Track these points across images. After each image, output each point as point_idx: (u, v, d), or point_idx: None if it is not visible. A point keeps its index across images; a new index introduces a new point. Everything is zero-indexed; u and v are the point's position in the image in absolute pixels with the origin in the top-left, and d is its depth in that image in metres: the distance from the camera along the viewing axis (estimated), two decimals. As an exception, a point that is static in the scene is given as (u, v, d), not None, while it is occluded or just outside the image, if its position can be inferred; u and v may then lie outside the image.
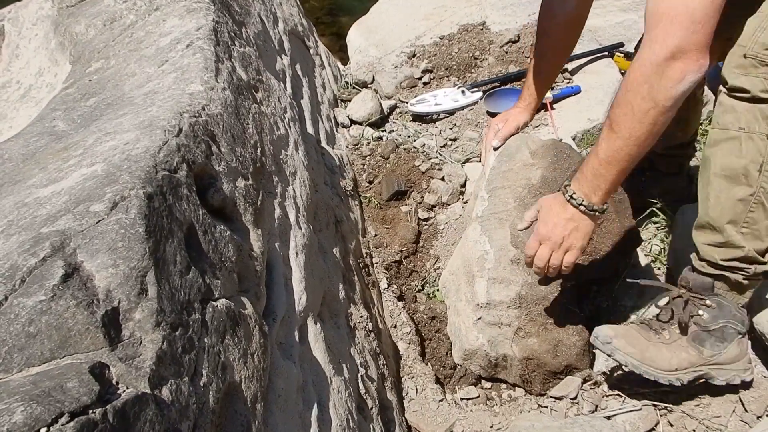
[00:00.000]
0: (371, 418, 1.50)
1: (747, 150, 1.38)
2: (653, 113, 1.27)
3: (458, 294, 1.94)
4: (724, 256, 1.49)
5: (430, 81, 2.92)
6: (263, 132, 1.48)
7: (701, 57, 1.23)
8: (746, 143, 1.38)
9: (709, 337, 1.55)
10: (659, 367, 1.55)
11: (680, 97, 1.26)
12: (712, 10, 1.20)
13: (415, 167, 2.44)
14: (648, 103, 1.26)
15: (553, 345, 1.75)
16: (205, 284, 0.93)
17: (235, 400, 0.94)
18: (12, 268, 0.72)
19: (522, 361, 1.79)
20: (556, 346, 1.75)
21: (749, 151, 1.38)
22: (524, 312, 1.77)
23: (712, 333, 1.55)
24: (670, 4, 1.22)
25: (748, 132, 1.37)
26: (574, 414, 1.69)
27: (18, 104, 1.71)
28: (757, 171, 1.39)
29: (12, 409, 0.56)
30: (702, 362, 1.57)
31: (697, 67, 1.23)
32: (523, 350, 1.78)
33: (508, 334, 1.79)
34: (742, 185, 1.41)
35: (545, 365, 1.77)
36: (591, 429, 1.53)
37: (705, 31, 1.21)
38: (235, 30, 1.67)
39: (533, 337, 1.77)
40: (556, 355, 1.75)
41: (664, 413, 1.65)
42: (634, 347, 1.55)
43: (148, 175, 0.89)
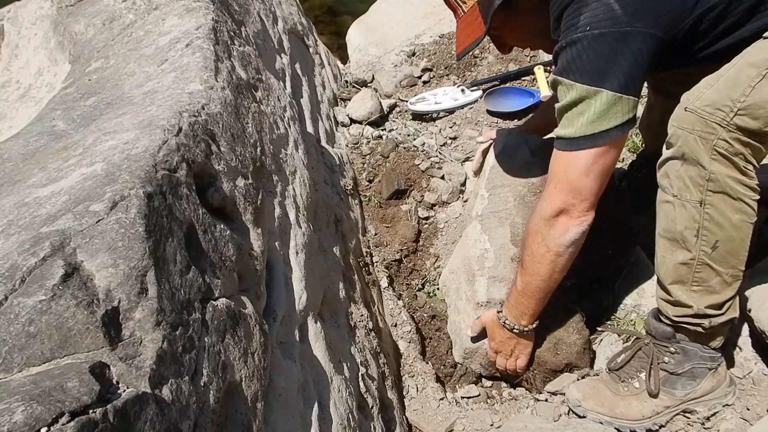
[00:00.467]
0: (372, 417, 1.50)
1: (681, 217, 1.39)
2: (549, 256, 1.49)
3: (458, 293, 1.94)
4: (675, 313, 1.51)
5: (430, 80, 2.92)
6: (263, 131, 1.48)
7: (582, 215, 1.43)
8: (679, 210, 1.39)
9: (679, 378, 1.57)
10: (632, 419, 1.59)
11: (570, 243, 1.46)
12: (589, 181, 1.39)
13: (415, 166, 2.44)
14: (543, 248, 1.49)
15: (554, 343, 1.75)
16: (205, 283, 0.93)
17: (235, 400, 0.94)
18: (12, 267, 0.72)
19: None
20: (557, 344, 1.75)
21: (683, 218, 1.39)
22: None
23: (681, 375, 1.57)
24: (558, 170, 1.44)
25: (681, 199, 1.38)
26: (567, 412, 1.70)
27: (18, 104, 1.71)
28: (695, 236, 1.39)
29: (12, 409, 0.56)
30: (678, 402, 1.59)
31: (579, 222, 1.44)
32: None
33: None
34: (682, 249, 1.42)
35: (545, 363, 1.77)
36: (584, 431, 1.53)
37: (584, 196, 1.41)
38: (235, 29, 1.67)
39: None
40: (556, 353, 1.75)
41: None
42: (603, 405, 1.61)
43: (147, 175, 0.89)
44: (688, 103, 1.32)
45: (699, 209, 1.35)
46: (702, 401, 1.58)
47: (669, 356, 1.56)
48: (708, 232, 1.37)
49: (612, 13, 1.29)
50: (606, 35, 1.29)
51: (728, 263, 1.40)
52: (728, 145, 1.28)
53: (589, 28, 1.31)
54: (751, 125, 1.27)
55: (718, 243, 1.37)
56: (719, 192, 1.33)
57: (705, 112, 1.29)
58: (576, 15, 1.33)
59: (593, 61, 1.31)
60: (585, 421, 1.62)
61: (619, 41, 1.29)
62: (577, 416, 1.66)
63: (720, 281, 1.42)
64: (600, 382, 1.67)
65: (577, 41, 1.32)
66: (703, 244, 1.38)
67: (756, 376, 1.63)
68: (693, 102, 1.31)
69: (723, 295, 1.44)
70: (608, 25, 1.29)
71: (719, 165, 1.30)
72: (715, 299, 1.44)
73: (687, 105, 1.32)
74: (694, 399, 1.58)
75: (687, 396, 1.58)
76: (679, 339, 1.54)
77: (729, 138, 1.28)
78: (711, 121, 1.28)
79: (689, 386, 1.57)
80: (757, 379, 1.63)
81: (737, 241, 1.37)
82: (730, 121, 1.27)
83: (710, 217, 1.35)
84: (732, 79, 1.28)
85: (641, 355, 1.61)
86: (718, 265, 1.40)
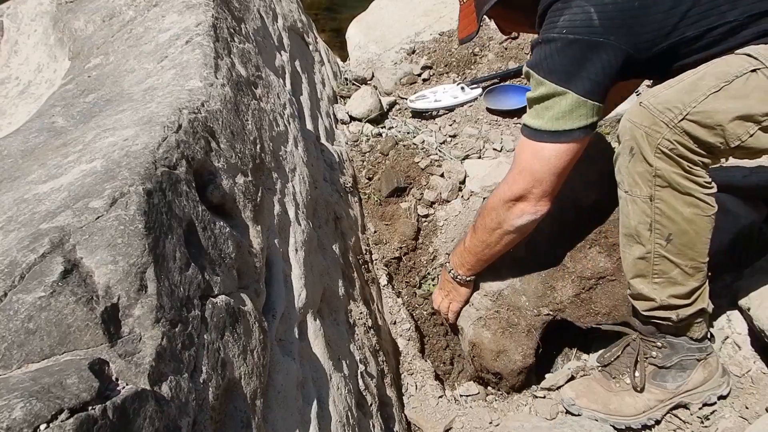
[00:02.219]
0: (371, 415, 1.51)
1: (633, 212, 1.42)
2: (499, 232, 1.63)
3: None
4: (643, 308, 1.53)
5: (430, 77, 2.92)
6: (263, 128, 1.48)
7: (538, 204, 1.54)
8: (632, 206, 1.42)
9: (669, 371, 1.58)
10: (627, 415, 1.61)
11: (521, 227, 1.59)
12: (551, 174, 1.48)
13: (414, 164, 2.43)
14: (495, 224, 1.62)
15: (499, 350, 1.80)
16: (205, 281, 0.93)
17: (234, 397, 0.94)
18: (11, 264, 0.72)
19: (470, 342, 1.88)
20: (500, 352, 1.80)
21: (635, 213, 1.42)
22: (495, 308, 1.83)
23: (671, 368, 1.58)
24: (523, 158, 1.51)
25: (632, 195, 1.41)
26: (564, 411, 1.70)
27: (17, 100, 1.70)
28: (648, 230, 1.42)
29: (12, 405, 0.56)
30: (670, 396, 1.60)
31: (533, 211, 1.55)
32: (474, 335, 1.86)
33: (472, 316, 1.89)
34: (637, 244, 1.45)
35: (483, 359, 1.84)
36: (580, 429, 1.54)
37: (544, 188, 1.50)
38: (235, 26, 1.67)
39: (489, 332, 1.82)
40: (495, 358, 1.81)
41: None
42: (597, 402, 1.63)
43: (147, 172, 0.89)
44: (644, 98, 1.34)
45: (649, 204, 1.38)
46: (696, 393, 1.59)
47: (656, 351, 1.57)
48: (660, 226, 1.39)
49: (590, 21, 1.34)
50: (580, 42, 1.35)
51: (686, 255, 1.41)
52: (672, 146, 1.30)
53: (565, 31, 1.36)
54: (697, 132, 1.28)
55: (671, 236, 1.39)
56: (666, 187, 1.34)
57: (656, 109, 1.31)
58: (557, 15, 1.38)
59: (564, 62, 1.37)
60: (581, 418, 1.63)
61: (591, 49, 1.35)
62: (573, 415, 1.67)
63: (680, 272, 1.44)
64: (592, 380, 1.68)
65: (552, 40, 1.38)
66: (657, 237, 1.41)
67: (755, 375, 1.63)
68: (648, 98, 1.33)
69: (686, 285, 1.45)
70: (583, 33, 1.34)
71: (663, 163, 1.32)
72: (679, 290, 1.45)
73: (642, 100, 1.34)
74: (687, 391, 1.59)
75: (679, 389, 1.58)
76: (665, 333, 1.55)
77: (673, 139, 1.29)
78: (659, 119, 1.30)
79: (680, 378, 1.57)
80: (756, 377, 1.63)
81: (692, 233, 1.38)
82: (677, 123, 1.28)
83: (661, 212, 1.37)
84: (691, 84, 1.30)
85: (629, 350, 1.63)
86: (676, 257, 1.42)
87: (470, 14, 1.58)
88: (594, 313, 1.76)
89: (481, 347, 1.83)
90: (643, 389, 1.59)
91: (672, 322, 1.51)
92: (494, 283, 1.84)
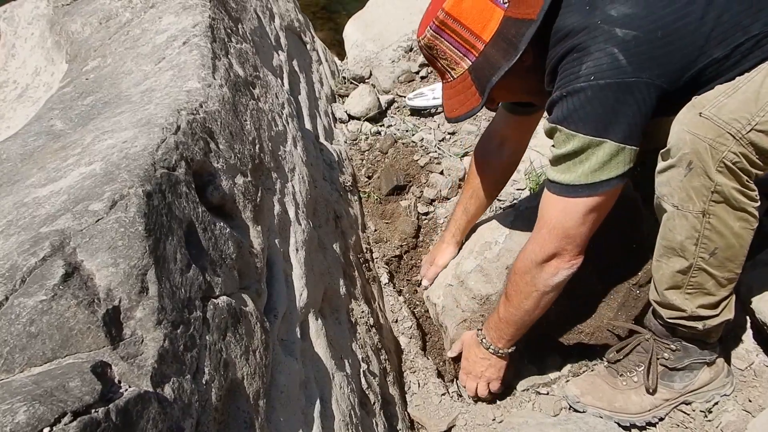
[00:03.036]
0: (374, 413, 1.51)
1: (681, 227, 1.36)
2: (536, 294, 1.51)
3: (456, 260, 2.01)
4: (669, 316, 1.50)
5: (428, 75, 2.92)
6: (261, 128, 1.48)
7: (573, 258, 1.45)
8: (680, 221, 1.36)
9: (677, 372, 1.58)
10: (632, 413, 1.61)
11: (558, 285, 1.49)
12: (584, 229, 1.40)
13: (413, 161, 2.43)
14: (530, 288, 1.51)
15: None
16: (206, 282, 0.93)
17: (237, 397, 0.94)
18: (12, 268, 0.72)
19: (451, 341, 1.88)
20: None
21: (684, 228, 1.36)
22: (481, 312, 1.82)
23: (680, 369, 1.57)
24: (552, 216, 1.42)
25: (682, 210, 1.35)
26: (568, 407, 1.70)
27: (15, 104, 1.70)
28: (694, 245, 1.37)
29: (15, 410, 0.56)
30: (676, 395, 1.60)
31: (569, 266, 1.46)
32: (456, 336, 1.85)
33: (456, 316, 1.86)
34: (679, 258, 1.40)
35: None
36: (585, 426, 1.54)
37: (577, 242, 1.42)
38: (232, 26, 1.66)
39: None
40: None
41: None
42: (602, 400, 1.63)
43: (146, 173, 0.89)
44: (703, 108, 1.27)
45: (701, 219, 1.33)
46: (700, 392, 1.59)
47: (669, 352, 1.56)
48: (708, 241, 1.35)
49: (617, 62, 1.25)
50: (612, 85, 1.26)
51: (726, 267, 1.38)
52: (737, 159, 1.24)
53: (593, 78, 1.27)
54: (764, 143, 1.23)
55: (717, 250, 1.35)
56: (722, 202, 1.30)
57: (722, 120, 1.24)
58: (577, 64, 1.30)
59: (598, 111, 1.28)
60: (585, 415, 1.63)
61: (624, 91, 1.26)
62: (577, 412, 1.66)
63: (714, 283, 1.41)
64: (597, 377, 1.68)
65: (580, 90, 1.28)
66: (701, 251, 1.37)
67: (757, 368, 1.64)
68: (709, 108, 1.26)
69: (717, 295, 1.43)
70: (613, 75, 1.25)
71: (724, 178, 1.27)
72: (708, 300, 1.43)
73: (702, 111, 1.27)
74: (692, 391, 1.59)
75: (685, 388, 1.58)
76: (680, 337, 1.55)
77: (738, 152, 1.24)
78: (725, 131, 1.24)
79: (687, 379, 1.58)
80: (758, 370, 1.63)
81: (737, 247, 1.35)
82: (745, 135, 1.23)
83: (711, 227, 1.33)
84: (752, 92, 1.23)
85: (640, 349, 1.62)
86: (715, 270, 1.39)
87: (466, 89, 1.47)
88: (578, 332, 1.74)
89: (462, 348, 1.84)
90: (656, 390, 1.58)
91: (697, 331, 1.49)
92: (484, 287, 1.82)
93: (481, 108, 1.47)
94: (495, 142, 1.91)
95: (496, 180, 1.98)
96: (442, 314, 1.93)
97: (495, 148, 1.91)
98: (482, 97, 1.44)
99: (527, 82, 1.49)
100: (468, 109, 1.48)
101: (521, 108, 1.78)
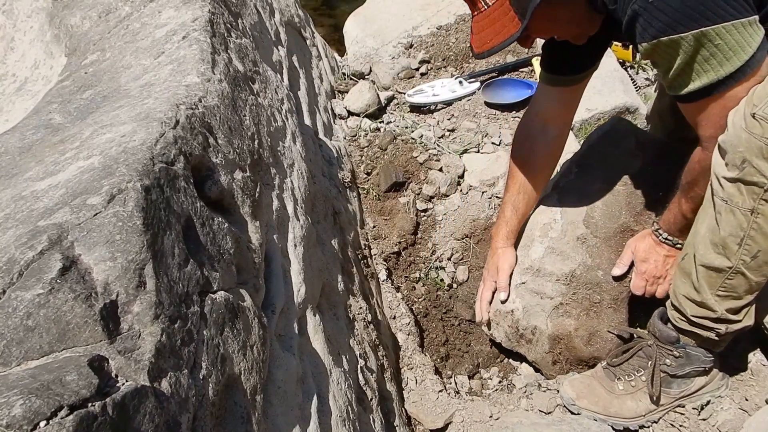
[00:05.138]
0: (371, 409, 1.51)
1: (727, 222, 1.32)
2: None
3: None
4: (695, 313, 1.46)
5: (428, 72, 2.92)
6: (260, 123, 1.47)
7: None
8: (727, 216, 1.32)
9: (675, 379, 1.58)
10: (626, 417, 1.61)
11: None
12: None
13: (413, 158, 2.43)
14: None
15: (590, 333, 1.73)
16: (204, 276, 0.93)
17: (234, 392, 0.94)
18: (9, 261, 0.72)
19: (551, 338, 1.77)
20: (593, 335, 1.73)
21: (729, 224, 1.32)
22: (572, 291, 1.74)
23: (678, 376, 1.58)
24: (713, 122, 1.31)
25: (730, 204, 1.30)
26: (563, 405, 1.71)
27: (14, 97, 1.70)
28: (737, 245, 1.33)
29: (11, 403, 0.56)
30: (671, 401, 1.61)
31: None
32: (556, 327, 1.75)
33: (546, 307, 1.77)
34: (720, 255, 1.36)
35: (574, 350, 1.74)
36: (579, 427, 1.54)
37: None
38: (231, 21, 1.66)
39: (572, 318, 1.74)
40: (589, 343, 1.73)
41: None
42: (597, 405, 1.63)
43: (145, 168, 0.89)
44: (757, 109, 1.22)
45: (748, 217, 1.29)
46: (695, 396, 1.60)
47: (672, 359, 1.55)
48: (752, 242, 1.31)
49: None
50: None
51: (761, 272, 1.35)
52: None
53: None
54: None
55: (759, 253, 1.32)
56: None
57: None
58: None
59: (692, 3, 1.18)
60: (579, 417, 1.63)
61: None
62: (572, 413, 1.67)
63: (747, 288, 1.38)
64: (594, 379, 1.67)
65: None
66: (744, 253, 1.33)
67: (755, 367, 1.64)
68: (762, 108, 1.21)
69: (744, 300, 1.40)
70: None
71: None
72: (735, 304, 1.41)
73: (755, 111, 1.22)
74: (688, 395, 1.60)
75: (681, 393, 1.59)
76: (684, 344, 1.53)
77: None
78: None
79: (684, 385, 1.59)
80: (755, 369, 1.63)
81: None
82: None
83: (758, 227, 1.29)
84: None
85: (641, 354, 1.61)
86: (752, 274, 1.35)
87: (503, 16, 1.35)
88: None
89: (568, 338, 1.74)
90: (659, 398, 1.58)
91: (717, 335, 1.46)
92: (564, 265, 1.74)
93: (519, 35, 1.33)
94: (537, 125, 1.81)
95: (542, 168, 1.87)
96: (526, 317, 1.80)
97: (538, 131, 1.81)
98: (523, 20, 1.31)
99: (572, 8, 1.40)
100: (504, 38, 1.36)
101: (562, 77, 1.71)
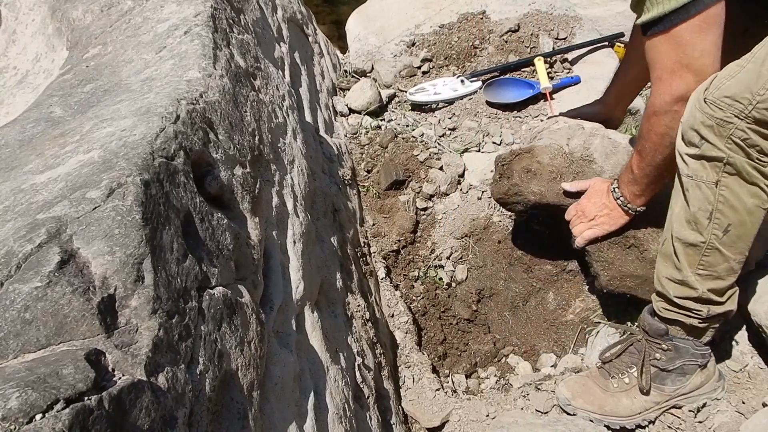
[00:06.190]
0: (368, 407, 1.51)
1: (695, 197, 1.36)
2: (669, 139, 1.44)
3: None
4: (678, 293, 1.48)
5: (430, 70, 2.91)
6: (261, 120, 1.47)
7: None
8: (694, 191, 1.36)
9: (669, 375, 1.58)
10: (622, 416, 1.61)
11: None
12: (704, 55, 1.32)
13: (413, 156, 2.43)
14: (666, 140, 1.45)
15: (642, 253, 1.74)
16: (202, 272, 0.93)
17: (231, 388, 0.94)
18: (8, 254, 0.72)
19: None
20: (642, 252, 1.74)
21: (697, 199, 1.36)
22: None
23: (672, 371, 1.58)
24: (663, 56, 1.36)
25: (696, 180, 1.35)
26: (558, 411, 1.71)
27: (15, 90, 1.70)
28: (707, 219, 1.36)
29: (7, 395, 0.56)
30: (666, 398, 1.61)
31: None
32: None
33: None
34: (694, 231, 1.40)
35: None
36: (574, 428, 1.54)
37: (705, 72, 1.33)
38: (234, 17, 1.66)
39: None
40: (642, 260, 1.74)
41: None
42: (593, 404, 1.64)
43: (145, 162, 0.89)
44: (708, 93, 1.29)
45: (714, 190, 1.33)
46: (691, 396, 1.60)
47: (661, 353, 1.56)
48: (721, 215, 1.35)
49: None
50: None
51: (737, 248, 1.38)
52: (745, 135, 1.26)
53: None
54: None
55: (730, 227, 1.35)
56: (735, 174, 1.30)
57: (724, 103, 1.26)
58: None
59: None
60: (575, 418, 1.64)
61: None
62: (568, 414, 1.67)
63: (727, 267, 1.41)
64: (589, 378, 1.68)
65: None
66: (715, 227, 1.36)
67: (752, 370, 1.64)
68: (713, 92, 1.28)
69: (726, 281, 1.43)
70: None
71: (733, 152, 1.28)
72: (718, 284, 1.43)
73: (707, 96, 1.29)
74: (683, 395, 1.60)
75: (676, 391, 1.59)
76: (672, 336, 1.55)
77: (746, 128, 1.25)
78: (728, 112, 1.26)
79: (679, 382, 1.58)
80: (752, 372, 1.63)
81: (748, 225, 1.35)
82: (748, 114, 1.24)
83: (724, 199, 1.33)
84: (754, 71, 1.25)
85: (632, 350, 1.62)
86: (727, 250, 1.38)
87: None
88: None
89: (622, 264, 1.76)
90: (649, 392, 1.59)
91: (700, 319, 1.48)
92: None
93: None
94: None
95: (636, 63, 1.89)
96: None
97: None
98: None
99: None
100: None
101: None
